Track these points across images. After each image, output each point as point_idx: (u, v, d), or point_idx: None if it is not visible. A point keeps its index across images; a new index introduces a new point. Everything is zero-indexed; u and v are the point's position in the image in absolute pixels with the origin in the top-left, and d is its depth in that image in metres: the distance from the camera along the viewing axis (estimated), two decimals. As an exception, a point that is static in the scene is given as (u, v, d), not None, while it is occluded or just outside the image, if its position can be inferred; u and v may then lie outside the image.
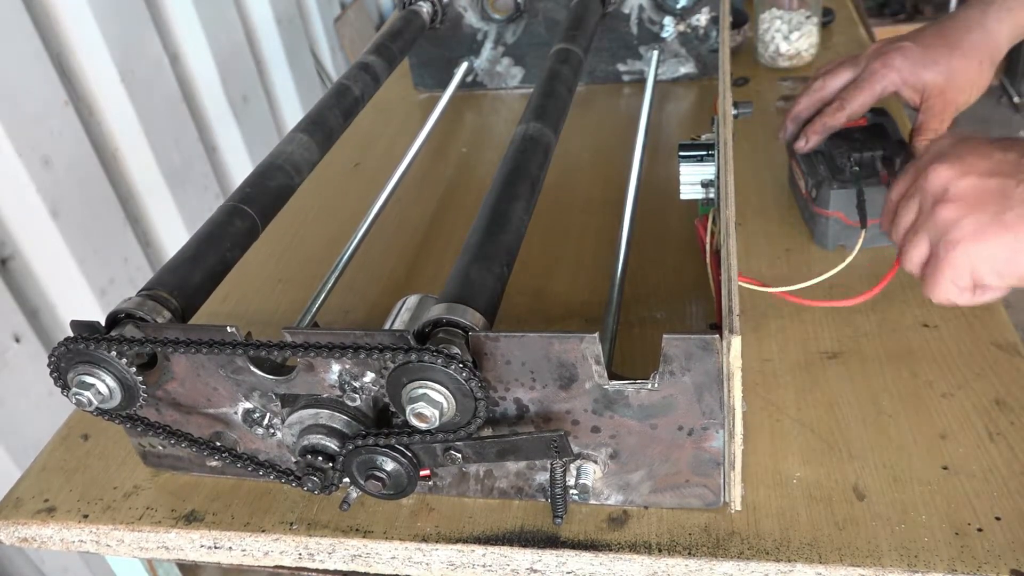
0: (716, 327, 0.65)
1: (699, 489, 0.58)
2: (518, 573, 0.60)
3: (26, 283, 1.29)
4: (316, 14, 2.43)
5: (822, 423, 0.65)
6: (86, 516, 0.67)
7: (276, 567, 0.65)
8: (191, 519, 0.65)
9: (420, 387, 0.52)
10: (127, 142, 1.55)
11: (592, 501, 0.60)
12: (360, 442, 0.56)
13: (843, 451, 0.63)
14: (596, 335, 0.51)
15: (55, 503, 0.68)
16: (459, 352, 0.52)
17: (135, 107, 1.55)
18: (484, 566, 0.60)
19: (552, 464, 0.57)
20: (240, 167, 1.93)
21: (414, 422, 0.52)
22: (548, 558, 0.59)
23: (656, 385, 0.53)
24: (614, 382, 0.53)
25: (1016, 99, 3.16)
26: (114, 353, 0.56)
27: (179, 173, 1.68)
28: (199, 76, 1.81)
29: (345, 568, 0.63)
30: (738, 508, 0.58)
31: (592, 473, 0.58)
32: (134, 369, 0.56)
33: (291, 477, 0.61)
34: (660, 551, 0.57)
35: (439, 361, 0.51)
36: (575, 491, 0.58)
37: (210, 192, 1.81)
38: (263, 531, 0.63)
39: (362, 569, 0.62)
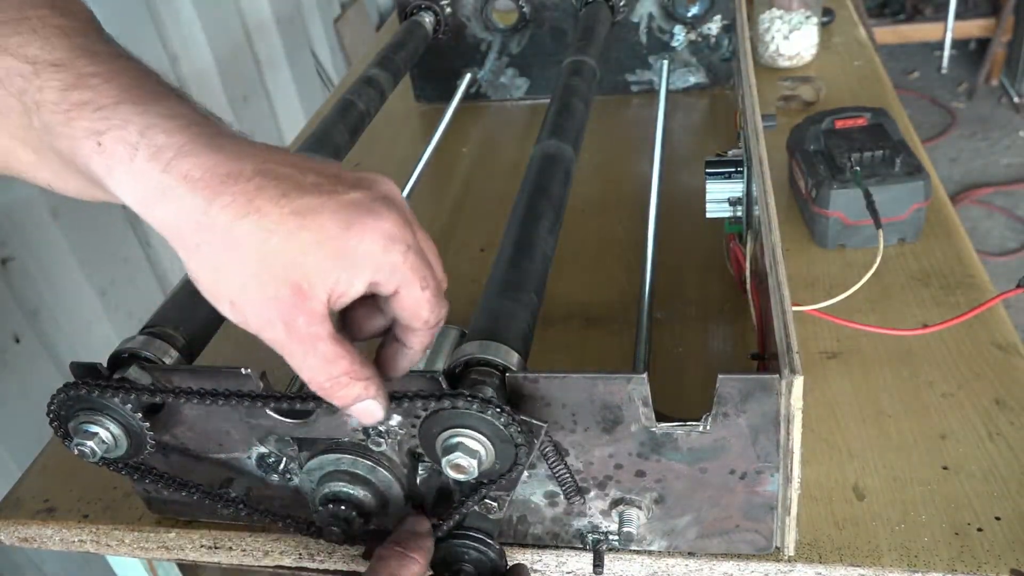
0: (758, 357, 0.63)
1: (750, 534, 0.54)
2: (518, 573, 0.60)
3: (26, 283, 1.29)
4: (316, 14, 2.43)
5: (822, 423, 0.65)
6: (86, 516, 0.67)
7: (276, 567, 0.65)
8: (191, 519, 0.64)
9: (455, 435, 0.48)
10: (127, 142, 1.55)
11: (634, 548, 0.57)
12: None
13: (843, 451, 0.63)
14: (644, 376, 0.47)
15: (55, 503, 0.68)
16: (495, 395, 0.48)
17: (135, 107, 1.55)
18: (484, 566, 0.60)
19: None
20: (240, 167, 1.93)
21: (450, 473, 0.49)
22: (548, 558, 0.59)
23: (708, 427, 0.49)
24: (663, 424, 0.50)
25: (1016, 99, 3.16)
26: (119, 400, 0.51)
27: (179, 173, 1.68)
28: (199, 76, 1.80)
29: (345, 568, 0.63)
30: (791, 554, 0.55)
31: (636, 519, 0.54)
32: (140, 416, 0.52)
33: (311, 528, 0.58)
34: (660, 551, 0.57)
35: (474, 407, 0.47)
36: (616, 538, 0.55)
37: (210, 192, 1.80)
38: (263, 531, 0.63)
39: (362, 570, 0.62)
